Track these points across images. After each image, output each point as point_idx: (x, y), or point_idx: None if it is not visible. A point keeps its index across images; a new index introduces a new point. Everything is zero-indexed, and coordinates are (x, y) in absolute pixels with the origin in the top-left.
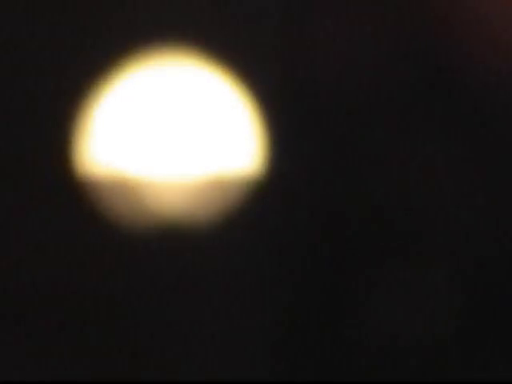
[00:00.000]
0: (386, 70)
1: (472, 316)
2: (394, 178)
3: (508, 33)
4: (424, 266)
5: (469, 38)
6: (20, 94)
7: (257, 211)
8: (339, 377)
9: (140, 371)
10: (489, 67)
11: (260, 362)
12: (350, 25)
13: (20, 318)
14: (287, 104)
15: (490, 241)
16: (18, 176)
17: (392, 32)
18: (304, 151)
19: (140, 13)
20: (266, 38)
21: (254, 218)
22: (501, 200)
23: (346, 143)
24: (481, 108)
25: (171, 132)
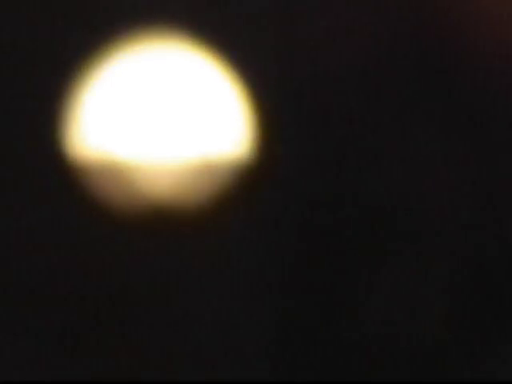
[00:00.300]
0: (386, 70)
1: (472, 316)
2: (394, 175)
3: (508, 32)
4: (424, 266)
5: (469, 37)
6: (8, 75)
7: (248, 197)
8: (339, 377)
9: (140, 371)
10: (489, 67)
11: (260, 361)
12: (350, 22)
13: (17, 312)
14: (279, 89)
15: (489, 241)
16: (6, 160)
17: (392, 31)
18: (296, 137)
19: None
20: (260, 23)
21: (246, 205)
22: (500, 199)
23: (339, 130)
24: (481, 108)
25: (162, 116)
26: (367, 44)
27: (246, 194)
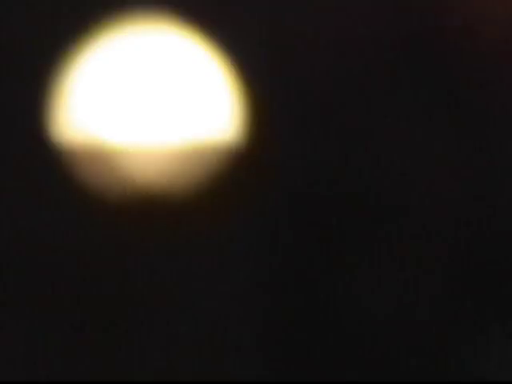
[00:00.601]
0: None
1: (466, 303)
2: (380, 153)
3: (508, 31)
4: (419, 263)
5: (470, 35)
6: None
7: (236, 180)
8: (338, 377)
9: (139, 371)
10: (489, 67)
11: (258, 361)
12: (344, 5)
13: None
14: (268, 74)
15: (481, 224)
16: None
17: (392, 28)
18: (284, 121)
19: None
20: (249, 8)
21: (235, 191)
22: (491, 184)
23: (328, 117)
24: (480, 107)
25: (151, 100)
26: (360, 37)
27: (235, 179)
